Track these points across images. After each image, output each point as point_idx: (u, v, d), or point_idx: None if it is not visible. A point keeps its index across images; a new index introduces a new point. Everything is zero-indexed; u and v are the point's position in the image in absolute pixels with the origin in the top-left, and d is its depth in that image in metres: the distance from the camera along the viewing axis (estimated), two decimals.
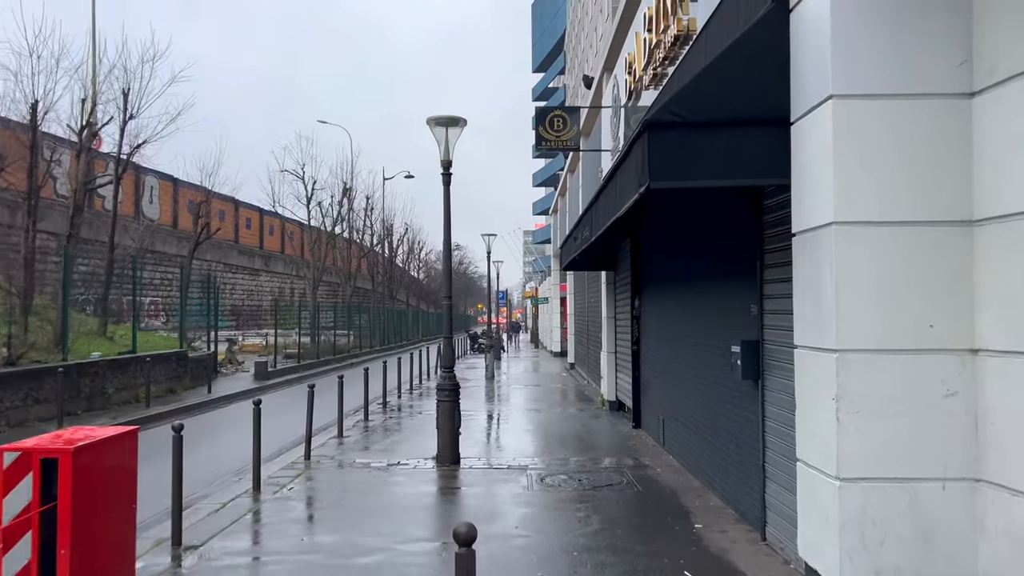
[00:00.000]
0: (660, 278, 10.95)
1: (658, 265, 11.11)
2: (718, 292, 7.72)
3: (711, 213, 7.84)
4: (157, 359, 18.11)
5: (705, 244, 8.15)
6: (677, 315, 9.75)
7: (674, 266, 9.86)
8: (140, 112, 19.03)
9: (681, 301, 9.54)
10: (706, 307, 8.23)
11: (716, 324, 7.80)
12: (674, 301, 9.98)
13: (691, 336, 8.92)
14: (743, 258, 6.83)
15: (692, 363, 8.87)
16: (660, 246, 10.86)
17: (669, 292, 10.27)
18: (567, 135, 15.20)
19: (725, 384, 7.47)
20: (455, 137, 10.08)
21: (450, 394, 9.92)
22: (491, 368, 24.00)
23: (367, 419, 14.25)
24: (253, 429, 8.57)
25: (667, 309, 10.47)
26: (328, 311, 39.20)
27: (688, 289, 9.11)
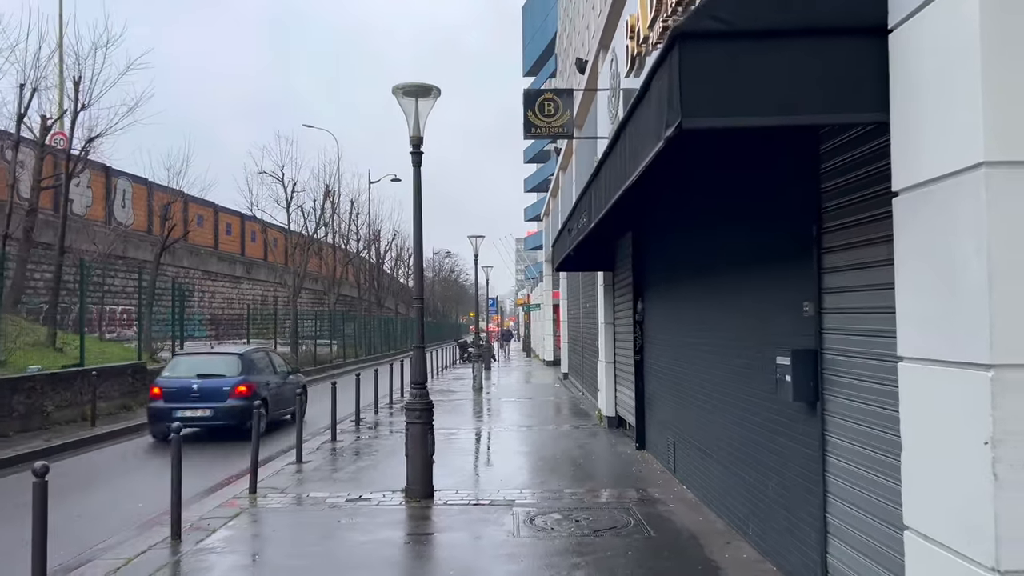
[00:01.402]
0: (669, 276, 9.38)
1: (666, 260, 9.54)
2: (752, 287, 6.14)
3: (741, 184, 6.26)
4: (109, 372, 16.41)
5: (732, 227, 6.58)
6: (692, 318, 8.17)
7: (688, 259, 8.29)
8: (92, 102, 17.36)
9: (698, 301, 7.96)
10: (734, 307, 6.65)
11: (749, 328, 6.22)
12: (688, 302, 8.40)
13: (712, 344, 7.34)
14: (789, 240, 5.26)
15: (714, 377, 7.28)
16: (668, 237, 9.29)
17: (681, 291, 8.69)
18: (559, 121, 13.64)
19: (763, 404, 5.88)
20: (427, 110, 8.49)
21: (421, 415, 8.30)
22: (479, 379, 22.37)
23: (335, 439, 12.59)
24: (172, 460, 6.90)
25: (678, 312, 8.89)
26: (310, 319, 37.51)
27: (708, 286, 7.53)
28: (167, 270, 38.03)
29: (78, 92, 17.13)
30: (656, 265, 10.20)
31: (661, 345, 9.90)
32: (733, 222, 6.56)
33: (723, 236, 6.89)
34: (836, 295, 4.63)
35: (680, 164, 6.07)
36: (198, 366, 14.02)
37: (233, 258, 44.99)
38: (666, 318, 9.62)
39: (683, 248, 8.56)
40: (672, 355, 9.24)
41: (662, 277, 9.82)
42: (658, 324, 10.12)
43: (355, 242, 47.53)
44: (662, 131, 3.62)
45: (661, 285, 9.90)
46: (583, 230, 7.66)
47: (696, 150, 5.65)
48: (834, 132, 4.51)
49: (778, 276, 5.54)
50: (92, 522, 8.03)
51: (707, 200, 7.30)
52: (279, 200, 34.57)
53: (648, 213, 10.31)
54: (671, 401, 9.29)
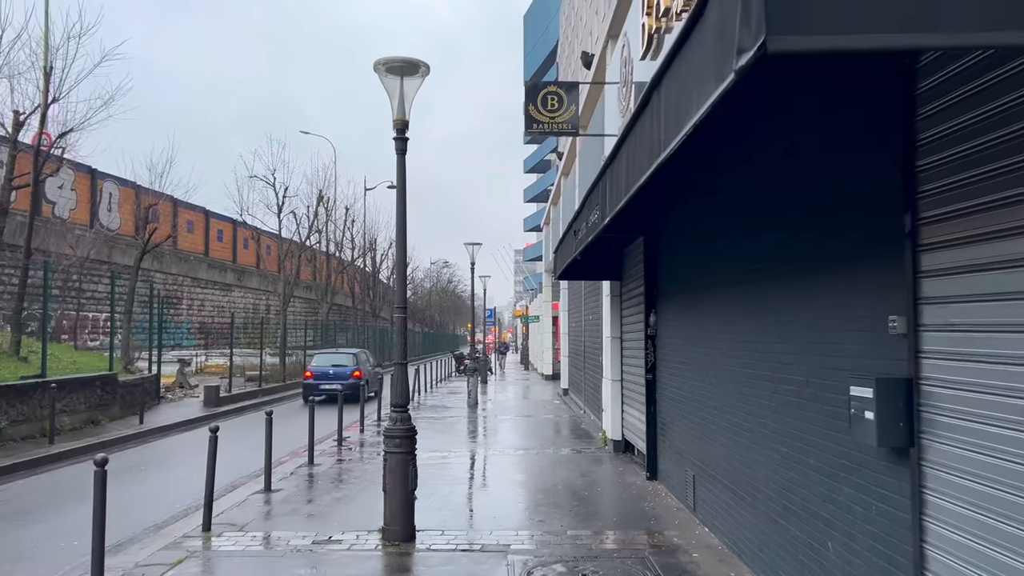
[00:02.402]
0: (689, 286, 8.22)
1: (685, 268, 8.38)
2: (805, 298, 4.98)
3: (795, 165, 5.11)
4: (74, 384, 15.21)
5: (778, 225, 5.43)
6: (720, 335, 7.00)
7: (714, 266, 7.13)
8: (64, 95, 16.21)
9: (726, 315, 6.79)
10: (777, 322, 5.49)
11: (800, 348, 5.05)
12: (713, 316, 7.24)
13: (747, 365, 6.17)
14: (865, 236, 4.11)
15: (750, 405, 6.11)
16: (688, 242, 8.14)
17: (705, 303, 7.52)
18: (563, 116, 12.52)
19: (822, 444, 4.71)
20: (413, 90, 7.35)
21: (402, 443, 7.10)
22: (475, 394, 21.15)
23: (312, 463, 11.38)
24: (95, 499, 5.71)
25: (701, 327, 7.72)
26: (301, 329, 36.30)
27: (740, 297, 6.36)
28: (154, 276, 36.88)
29: (48, 84, 15.98)
30: (673, 273, 9.04)
31: (678, 364, 8.72)
32: (778, 218, 5.40)
33: (763, 237, 5.74)
34: (940, 307, 3.47)
35: (715, 143, 4.93)
36: (330, 360, 22.92)
37: (224, 265, 43.82)
38: (685, 334, 8.45)
39: (707, 253, 7.41)
40: (693, 376, 8.06)
41: (680, 287, 8.66)
42: (675, 340, 8.95)
43: (350, 250, 46.36)
44: (731, 61, 2.46)
45: (679, 296, 8.74)
46: (593, 229, 6.50)
47: (752, 108, 4.52)
48: (937, 77, 3.36)
49: (845, 283, 4.38)
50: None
51: (742, 193, 6.15)
52: (270, 205, 33.41)
53: (663, 214, 9.17)
54: (691, 429, 8.10)
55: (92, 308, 30.41)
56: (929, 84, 3.53)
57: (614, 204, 5.26)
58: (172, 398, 21.33)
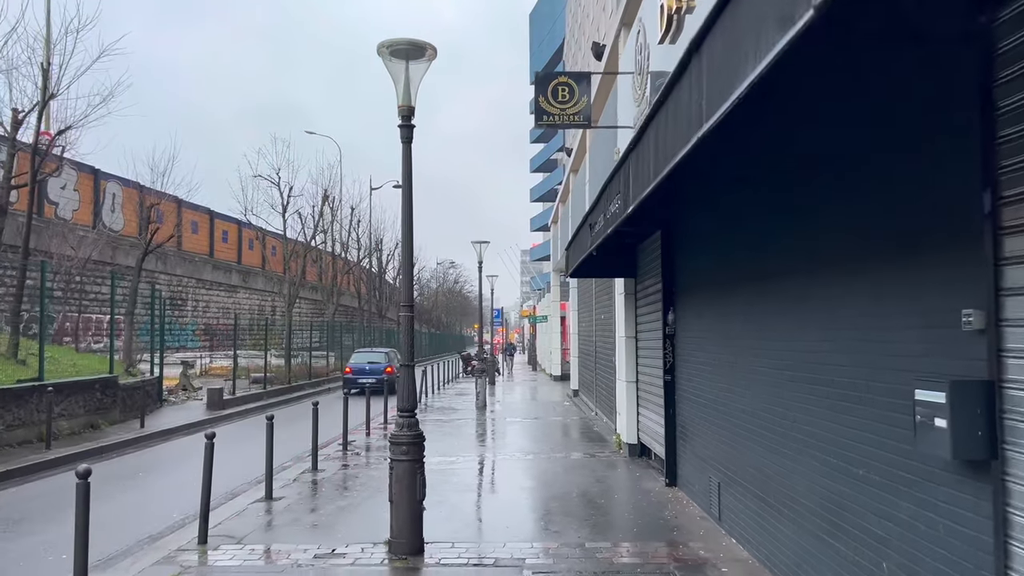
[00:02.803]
0: (712, 281, 7.76)
1: (708, 262, 7.92)
2: (857, 291, 4.51)
3: (841, 139, 4.65)
4: (72, 387, 14.83)
5: (821, 209, 4.96)
6: (749, 333, 6.54)
7: (741, 259, 6.67)
8: (62, 91, 15.84)
9: (754, 311, 6.33)
10: (823, 318, 5.02)
11: (851, 346, 4.59)
12: (740, 313, 6.77)
13: (785, 364, 5.70)
14: (931, 218, 3.64)
15: (786, 408, 5.64)
16: (713, 233, 7.68)
17: (731, 299, 7.06)
18: (574, 108, 12.07)
19: (875, 452, 4.25)
20: (419, 75, 6.92)
21: (409, 449, 6.66)
22: (483, 396, 20.71)
23: (316, 468, 10.95)
24: (76, 514, 5.29)
25: (726, 325, 7.26)
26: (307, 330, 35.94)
27: (774, 292, 5.90)
28: (158, 278, 36.57)
29: (47, 80, 15.60)
30: (693, 269, 8.58)
31: (700, 364, 8.26)
32: (823, 206, 4.93)
33: (803, 227, 5.27)
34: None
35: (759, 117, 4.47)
36: (366, 358, 26.68)
37: (229, 266, 43.49)
38: (707, 333, 7.99)
39: (733, 247, 6.95)
40: (716, 377, 7.60)
41: (702, 283, 8.20)
42: (696, 340, 8.49)
43: (356, 250, 45.98)
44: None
45: (700, 293, 8.28)
46: (613, 220, 6.04)
47: (805, 73, 4.07)
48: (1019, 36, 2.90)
49: (905, 274, 3.91)
50: None
51: (779, 179, 5.68)
52: (275, 205, 32.99)
53: (682, 208, 8.71)
54: (715, 433, 7.63)
55: (96, 310, 30.08)
56: (1010, 44, 3.07)
57: (639, 190, 4.81)
58: (175, 401, 20.96)
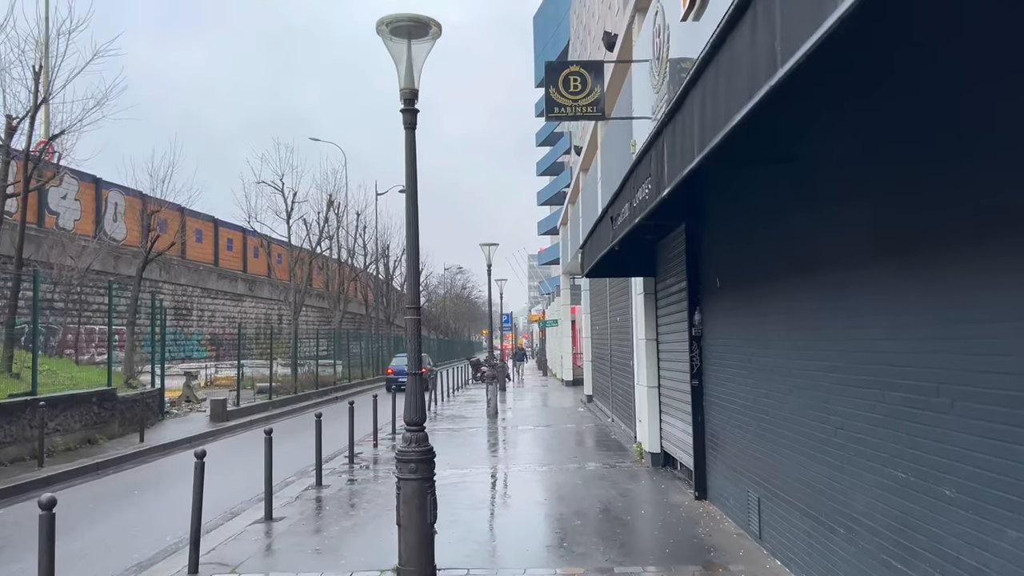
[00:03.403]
0: (746, 277, 7.11)
1: (740, 256, 7.27)
2: (938, 279, 3.86)
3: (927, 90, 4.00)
4: (67, 401, 14.26)
5: (891, 187, 4.31)
6: (791, 331, 5.89)
7: (781, 250, 6.02)
8: (54, 95, 15.32)
9: (802, 307, 5.68)
10: (888, 312, 4.36)
11: (929, 345, 3.93)
12: (781, 312, 6.12)
13: (837, 365, 5.05)
14: None
15: (846, 416, 4.98)
16: (746, 224, 7.03)
17: (770, 296, 6.40)
18: (587, 98, 11.47)
19: (971, 469, 3.59)
20: (422, 55, 6.31)
21: (418, 468, 6.02)
22: (494, 403, 20.07)
23: (320, 484, 10.33)
24: (40, 551, 4.67)
25: (763, 325, 6.60)
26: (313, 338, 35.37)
27: (821, 286, 5.25)
28: (162, 287, 36.10)
29: (38, 84, 15.08)
30: (723, 264, 7.93)
31: (733, 368, 7.60)
32: (897, 183, 4.28)
33: (865, 210, 4.62)
34: None
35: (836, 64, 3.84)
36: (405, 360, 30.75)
37: (234, 275, 43.01)
38: (741, 333, 7.33)
39: (770, 238, 6.30)
40: (752, 382, 6.94)
41: (733, 279, 7.55)
42: (727, 341, 7.83)
43: (362, 257, 45.44)
44: None
45: (731, 291, 7.63)
46: (640, 208, 5.39)
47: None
48: None
49: (1006, 257, 3.26)
50: None
51: (836, 155, 5.03)
52: (279, 211, 32.46)
53: (710, 197, 8.06)
54: (752, 443, 6.97)
55: (99, 321, 29.57)
56: None
57: (678, 169, 4.17)
58: (177, 413, 20.38)
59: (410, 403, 6.16)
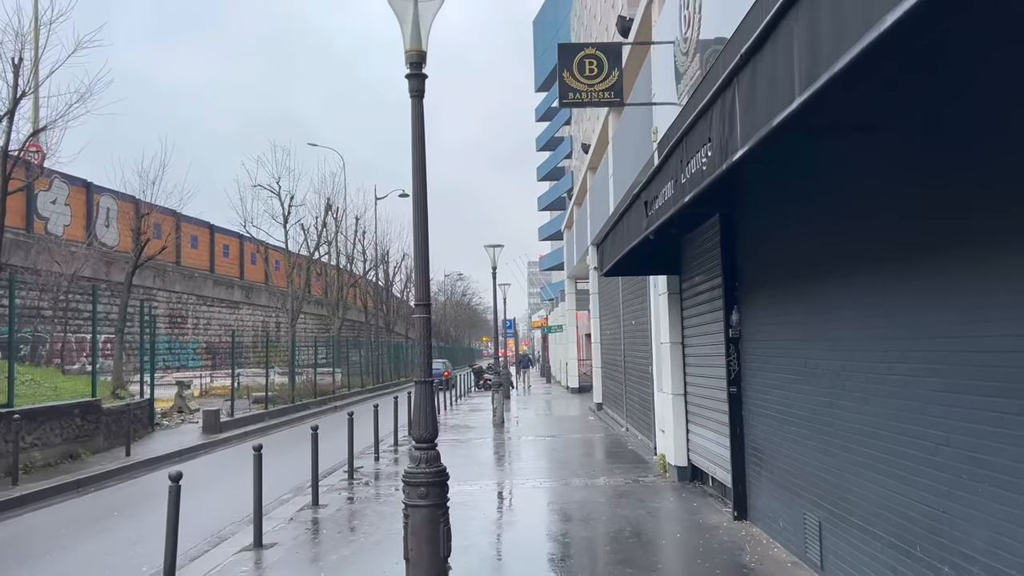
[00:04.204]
0: (802, 268, 6.22)
1: (793, 247, 6.39)
2: None
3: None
4: (47, 413, 13.34)
5: None
6: (873, 328, 5.00)
7: (857, 236, 5.14)
8: (32, 90, 14.44)
9: (891, 300, 4.79)
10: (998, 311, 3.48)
11: None
12: (860, 304, 5.24)
13: (941, 369, 4.15)
14: None
15: (956, 431, 4.09)
16: (802, 208, 6.15)
17: (843, 287, 5.51)
18: (604, 83, 10.61)
19: None
20: (430, 13, 5.45)
21: (430, 492, 5.12)
22: (500, 412, 19.16)
23: (316, 504, 9.42)
24: None
25: (826, 321, 5.72)
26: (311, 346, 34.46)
27: (916, 275, 4.36)
28: (156, 294, 35.17)
29: (17, 76, 14.22)
30: (769, 257, 7.05)
31: (782, 372, 6.71)
32: None
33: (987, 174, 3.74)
34: None
35: None
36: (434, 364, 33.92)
37: (231, 282, 42.09)
38: (793, 333, 6.44)
39: (839, 222, 5.43)
40: (811, 388, 6.05)
41: (783, 273, 6.66)
42: (774, 342, 6.94)
43: (361, 263, 44.53)
44: None
45: (781, 285, 6.74)
46: (695, 182, 4.51)
47: None
48: None
49: None
50: None
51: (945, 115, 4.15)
52: (276, 216, 31.58)
53: (753, 181, 7.19)
54: (812, 457, 6.07)
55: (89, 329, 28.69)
56: None
57: (761, 120, 3.29)
58: (168, 424, 19.44)
59: (420, 416, 5.26)
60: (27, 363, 20.62)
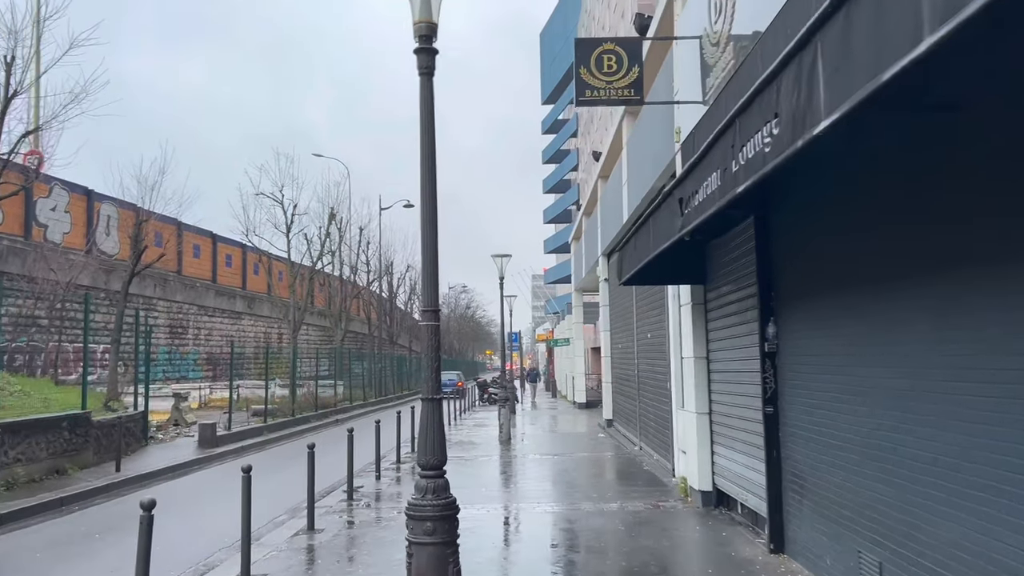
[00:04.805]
0: (853, 276, 5.54)
1: (846, 250, 5.71)
2: None
3: None
4: (32, 427, 12.67)
5: None
6: (957, 341, 4.31)
7: (934, 235, 4.46)
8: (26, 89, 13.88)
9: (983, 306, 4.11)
10: None
11: None
12: (924, 321, 4.56)
13: None
14: None
15: None
16: (860, 205, 5.47)
17: (916, 295, 4.83)
18: (623, 80, 9.99)
19: None
20: None
21: (437, 528, 4.43)
22: (506, 428, 18.45)
23: (312, 528, 8.71)
24: None
25: (893, 332, 5.03)
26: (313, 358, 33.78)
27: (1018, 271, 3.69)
28: (157, 304, 34.54)
29: (10, 75, 13.65)
30: (811, 264, 6.37)
31: (831, 391, 6.01)
32: None
33: None
34: None
35: None
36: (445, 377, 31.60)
37: (233, 292, 41.44)
38: (845, 348, 5.75)
39: (910, 222, 4.76)
40: (868, 409, 5.35)
41: (831, 282, 5.98)
42: (820, 358, 6.25)
43: (365, 274, 43.90)
44: None
45: (829, 296, 6.06)
46: (759, 165, 3.85)
47: None
48: None
49: None
50: None
51: None
52: (278, 225, 31.02)
53: (795, 180, 6.52)
54: (868, 487, 5.37)
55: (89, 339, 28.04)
56: None
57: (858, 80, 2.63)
58: (163, 438, 18.75)
59: (426, 439, 4.57)
60: (22, 373, 19.99)
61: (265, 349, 25.57)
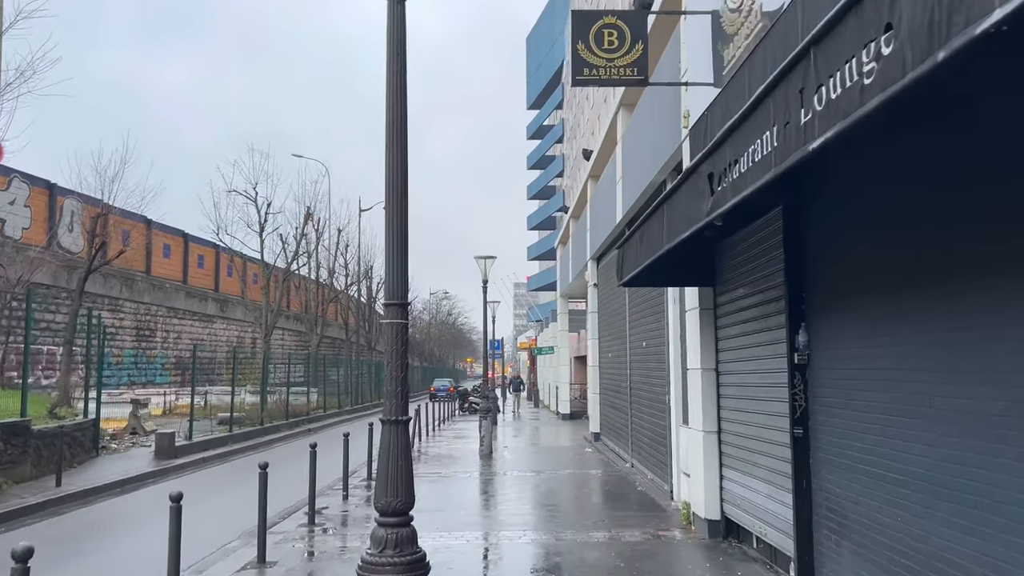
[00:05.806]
0: (920, 275, 4.50)
1: (899, 247, 4.67)
2: None
3: None
4: None
5: None
6: None
7: None
8: None
9: None
10: None
11: None
12: None
13: None
14: None
15: None
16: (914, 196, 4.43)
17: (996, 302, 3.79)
18: (626, 58, 8.97)
19: None
20: None
21: None
22: (488, 441, 17.30)
23: (263, 561, 7.53)
24: None
25: (974, 343, 3.99)
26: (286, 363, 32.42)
27: None
28: (123, 305, 33.04)
29: None
30: (857, 262, 5.33)
31: (882, 412, 4.95)
32: None
33: None
34: None
35: None
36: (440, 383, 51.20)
37: (205, 294, 39.93)
38: (901, 360, 4.71)
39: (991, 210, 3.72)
40: (934, 436, 4.31)
41: (882, 284, 4.94)
42: (866, 372, 5.19)
43: (343, 277, 42.57)
44: None
45: (883, 299, 5.01)
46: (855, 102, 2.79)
47: None
48: None
49: None
50: None
51: None
52: (251, 223, 29.69)
53: (836, 163, 5.47)
54: (933, 528, 4.31)
55: (47, 340, 26.58)
56: None
57: None
58: (117, 448, 17.39)
59: (388, 474, 3.44)
60: None
61: (234, 353, 24.19)
